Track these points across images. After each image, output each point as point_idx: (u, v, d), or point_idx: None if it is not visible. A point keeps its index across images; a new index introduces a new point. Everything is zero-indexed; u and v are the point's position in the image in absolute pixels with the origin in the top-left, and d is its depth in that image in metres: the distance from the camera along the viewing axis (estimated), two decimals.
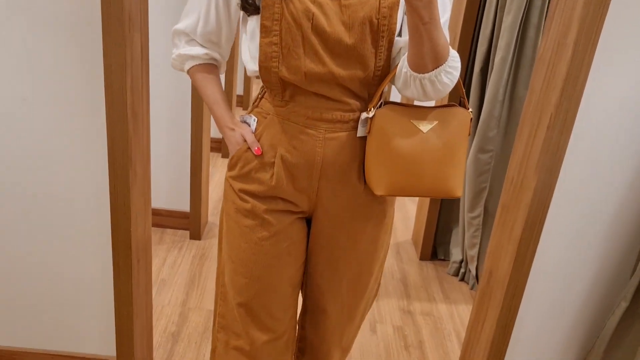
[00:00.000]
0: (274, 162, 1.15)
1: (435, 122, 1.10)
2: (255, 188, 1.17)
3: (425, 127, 1.10)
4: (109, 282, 1.62)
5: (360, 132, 1.14)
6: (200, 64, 1.23)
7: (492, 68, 2.18)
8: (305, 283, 1.34)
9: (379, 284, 1.43)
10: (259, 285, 1.21)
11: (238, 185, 1.19)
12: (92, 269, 1.61)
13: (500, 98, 2.15)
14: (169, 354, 1.94)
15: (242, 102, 4.75)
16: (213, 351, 1.36)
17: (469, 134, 1.16)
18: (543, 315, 1.69)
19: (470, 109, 1.16)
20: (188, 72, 1.25)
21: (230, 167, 1.22)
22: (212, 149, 3.66)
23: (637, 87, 1.42)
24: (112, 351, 1.73)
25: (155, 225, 2.70)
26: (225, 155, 3.66)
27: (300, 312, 1.41)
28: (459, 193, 1.15)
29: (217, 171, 3.43)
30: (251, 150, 1.16)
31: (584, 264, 1.62)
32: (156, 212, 2.66)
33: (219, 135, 3.61)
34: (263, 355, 1.28)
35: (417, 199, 3.35)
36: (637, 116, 1.45)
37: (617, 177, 1.51)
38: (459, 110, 1.13)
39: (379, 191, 1.12)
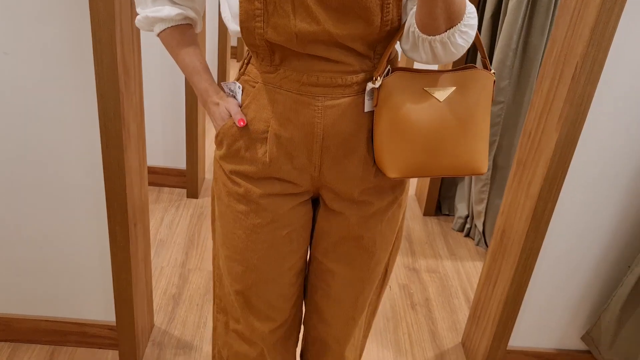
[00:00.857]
0: (266, 138, 0.98)
1: (453, 89, 0.93)
2: (247, 168, 1.01)
3: (441, 95, 0.93)
4: (106, 247, 1.55)
5: (367, 107, 0.96)
6: (172, 27, 1.02)
7: (505, 13, 2.05)
8: (310, 265, 1.19)
9: (388, 277, 1.25)
10: (255, 275, 1.08)
11: (228, 166, 1.03)
12: (87, 235, 1.53)
13: (513, 46, 2.03)
14: (170, 316, 1.89)
15: (237, 54, 4.58)
16: (214, 330, 1.26)
17: (492, 100, 0.98)
18: (558, 274, 1.64)
19: (493, 71, 0.98)
20: (158, 35, 1.03)
21: (218, 146, 1.04)
22: None
23: None
24: (111, 317, 1.67)
25: (151, 184, 2.61)
26: None
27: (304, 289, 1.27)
28: (484, 169, 0.99)
29: (213, 127, 3.32)
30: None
31: (602, 222, 1.55)
32: (152, 171, 2.57)
33: None
34: (264, 342, 1.18)
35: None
36: None
37: None
38: (480, 72, 0.94)
39: (391, 173, 0.95)
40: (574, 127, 1.34)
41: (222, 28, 3.41)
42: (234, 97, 1.01)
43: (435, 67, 2.39)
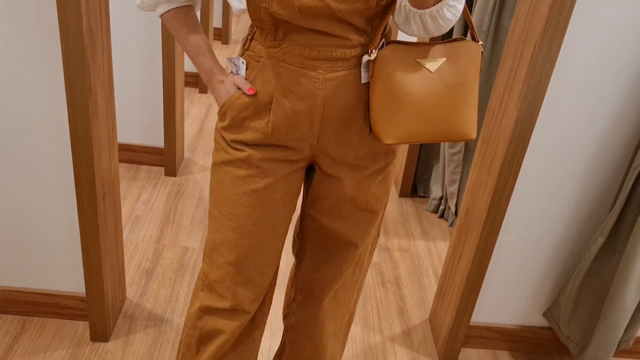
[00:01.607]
0: (269, 109, 1.04)
1: (443, 60, 1.00)
2: (250, 137, 1.07)
3: (432, 66, 1.00)
4: (75, 219, 1.57)
5: (363, 78, 1.03)
6: (175, 8, 1.09)
7: None
8: (307, 225, 1.26)
9: (379, 233, 1.36)
10: (250, 242, 1.13)
11: (230, 136, 1.08)
12: (57, 206, 1.55)
13: (484, 28, 2.05)
14: (142, 290, 1.92)
15: (221, 35, 4.57)
16: (190, 307, 1.27)
17: (481, 70, 1.06)
18: (520, 250, 1.68)
19: (481, 42, 1.05)
20: (161, 16, 1.10)
21: (221, 117, 1.10)
22: (188, 84, 3.53)
23: (623, 13, 1.34)
24: (82, 288, 1.70)
25: (129, 161, 2.63)
26: (203, 90, 3.54)
27: (297, 248, 1.35)
28: (473, 135, 1.06)
29: (194, 107, 3.33)
30: (245, 94, 1.05)
31: (563, 199, 1.59)
32: (129, 148, 2.58)
33: (194, 70, 3.48)
34: (247, 311, 1.22)
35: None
36: (624, 45, 1.38)
37: (601, 110, 1.46)
38: (469, 44, 1.02)
39: (387, 140, 1.03)
40: (533, 107, 1.37)
41: (205, 8, 3.41)
42: (237, 73, 1.08)
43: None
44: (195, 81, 3.55)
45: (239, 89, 1.06)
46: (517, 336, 1.84)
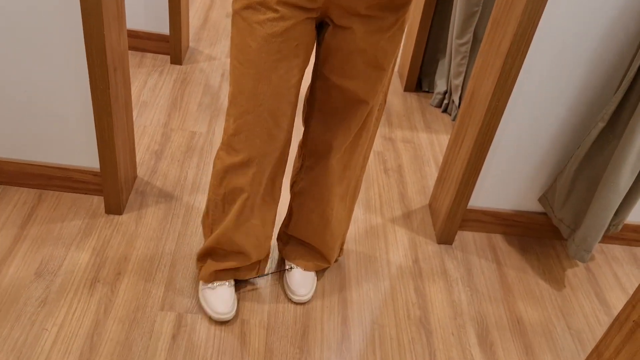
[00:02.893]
0: None
1: None
2: None
3: None
4: (87, 93, 1.59)
5: None
6: None
7: None
8: (318, 87, 1.32)
9: (385, 99, 1.41)
10: (266, 87, 1.19)
11: None
12: (69, 80, 1.57)
13: None
14: (152, 169, 1.98)
15: None
16: (214, 168, 1.36)
17: None
18: (521, 136, 1.72)
19: None
20: None
21: None
22: None
23: None
24: (95, 163, 1.75)
25: (134, 48, 2.61)
26: None
27: (307, 115, 1.40)
28: None
29: None
30: None
31: (567, 84, 1.61)
32: (134, 34, 2.56)
33: None
34: (262, 165, 1.29)
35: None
36: None
37: None
38: None
39: None
40: None
41: None
42: None
43: None
44: None
45: None
46: (511, 220, 1.92)
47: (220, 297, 1.51)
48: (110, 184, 1.72)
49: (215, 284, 1.52)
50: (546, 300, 1.76)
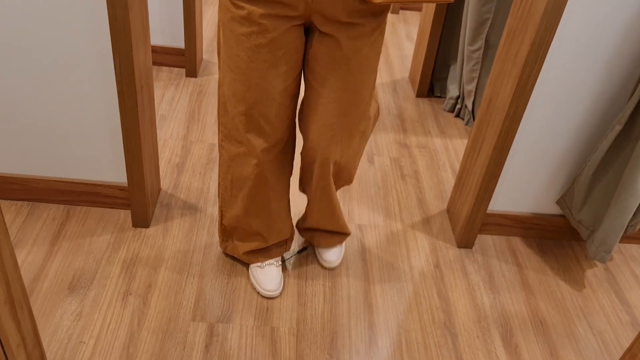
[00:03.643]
0: None
1: None
2: None
3: None
4: (115, 111, 1.64)
5: None
6: None
7: None
8: (307, 95, 1.36)
9: (378, 107, 1.47)
10: (257, 93, 1.25)
11: None
12: (96, 99, 1.61)
13: None
14: (175, 182, 2.02)
15: None
16: (220, 158, 1.46)
17: None
18: (539, 140, 1.75)
19: None
20: None
21: None
22: None
23: None
24: (122, 178, 1.79)
25: None
26: None
27: (299, 110, 1.45)
28: None
29: (209, 9, 3.30)
30: None
31: (583, 89, 1.64)
32: (151, 49, 2.60)
33: None
34: (262, 158, 1.38)
35: (414, 36, 3.28)
36: None
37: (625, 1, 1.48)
38: None
39: None
40: None
41: None
42: None
43: None
44: None
45: None
46: (530, 223, 1.95)
47: (268, 275, 1.64)
48: (137, 198, 1.76)
49: (264, 264, 1.66)
50: (567, 301, 1.79)
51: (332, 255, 1.76)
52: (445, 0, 1.18)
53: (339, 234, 1.75)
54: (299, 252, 1.80)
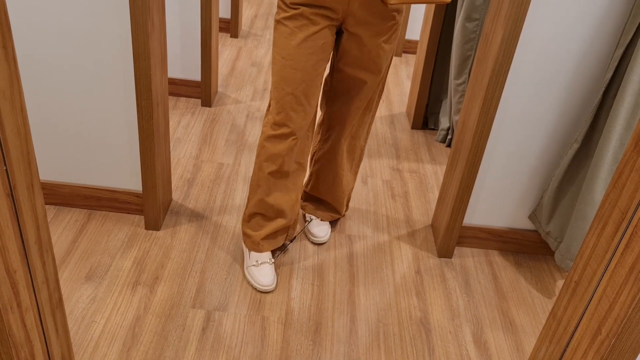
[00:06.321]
0: None
1: None
2: None
3: None
4: (134, 123, 1.89)
5: None
6: None
7: None
8: (335, 77, 1.79)
9: (383, 88, 1.86)
10: (302, 75, 1.61)
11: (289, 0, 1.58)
12: (118, 112, 1.87)
13: None
14: (185, 194, 2.25)
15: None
16: (262, 135, 1.74)
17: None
18: (508, 158, 1.95)
19: None
20: None
21: None
22: (221, 29, 3.81)
23: None
24: (138, 186, 2.03)
25: (170, 93, 2.94)
26: (234, 35, 3.82)
27: (325, 100, 1.88)
28: None
29: (226, 50, 3.61)
30: None
31: (546, 112, 1.85)
32: (171, 81, 2.90)
33: (227, 16, 3.76)
34: (299, 134, 1.70)
35: (411, 75, 3.54)
36: None
37: (578, 32, 1.70)
38: None
39: (391, 1, 1.50)
40: (515, 25, 1.63)
41: (206, 4, 3.65)
42: None
43: None
44: (227, 27, 3.83)
45: None
46: (506, 237, 2.13)
47: (263, 272, 1.86)
48: (150, 203, 1.99)
49: (259, 262, 1.87)
50: (537, 306, 1.94)
51: (321, 232, 2.07)
52: (444, 0, 1.53)
53: (333, 209, 2.09)
54: (285, 246, 2.05)
